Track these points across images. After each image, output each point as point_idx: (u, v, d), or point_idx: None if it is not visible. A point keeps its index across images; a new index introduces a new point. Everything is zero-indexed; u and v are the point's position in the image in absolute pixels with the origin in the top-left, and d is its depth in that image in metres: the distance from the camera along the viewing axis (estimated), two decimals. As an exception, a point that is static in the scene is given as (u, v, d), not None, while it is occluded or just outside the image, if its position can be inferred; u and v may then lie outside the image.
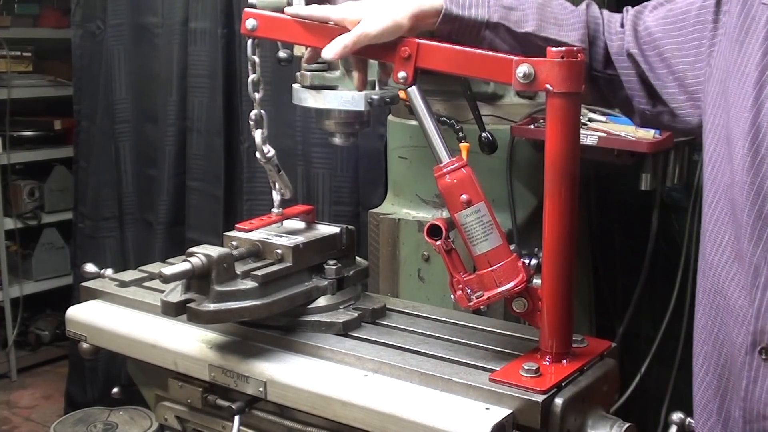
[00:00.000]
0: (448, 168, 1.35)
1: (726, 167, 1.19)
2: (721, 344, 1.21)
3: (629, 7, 1.40)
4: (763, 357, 1.12)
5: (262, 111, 1.53)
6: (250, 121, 1.53)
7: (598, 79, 1.40)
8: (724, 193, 1.19)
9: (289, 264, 1.49)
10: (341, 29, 1.38)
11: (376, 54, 1.41)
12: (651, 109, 1.38)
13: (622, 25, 1.38)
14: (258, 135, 1.52)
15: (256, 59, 1.51)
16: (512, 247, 1.37)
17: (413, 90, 1.38)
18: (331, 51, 1.38)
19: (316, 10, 1.43)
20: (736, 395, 1.18)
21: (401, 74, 1.37)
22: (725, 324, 1.19)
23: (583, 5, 1.41)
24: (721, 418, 1.23)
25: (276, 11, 1.48)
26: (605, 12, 1.42)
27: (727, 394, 1.21)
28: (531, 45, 1.34)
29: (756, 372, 1.14)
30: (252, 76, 1.52)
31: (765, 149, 1.11)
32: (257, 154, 1.54)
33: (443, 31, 1.38)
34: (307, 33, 1.43)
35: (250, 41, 1.50)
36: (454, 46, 1.36)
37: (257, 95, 1.53)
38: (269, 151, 1.54)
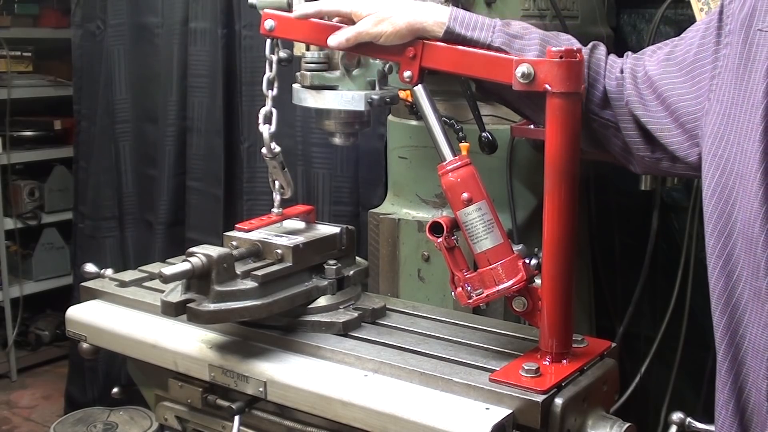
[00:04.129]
0: (452, 166, 1.36)
1: (736, 200, 1.16)
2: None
3: (629, 53, 1.40)
4: None
5: (273, 108, 1.55)
6: (259, 117, 1.55)
7: (593, 122, 1.39)
8: (736, 227, 1.16)
9: (289, 264, 1.49)
10: None
11: (381, 53, 1.43)
12: (650, 155, 1.36)
13: (621, 71, 1.37)
14: (266, 131, 1.54)
15: (274, 58, 1.55)
16: (519, 247, 1.38)
17: (419, 89, 1.40)
18: (334, 40, 1.42)
19: (326, 4, 1.45)
20: None
21: (407, 73, 1.40)
22: (747, 365, 1.16)
23: (589, 46, 1.40)
24: None
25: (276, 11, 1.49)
26: (611, 56, 1.41)
27: None
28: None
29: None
30: (268, 74, 1.55)
31: None
32: (263, 150, 1.55)
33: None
34: (324, 33, 1.45)
35: (268, 41, 1.54)
36: (457, 47, 1.37)
37: (271, 92, 1.55)
38: (276, 147, 1.55)
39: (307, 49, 1.57)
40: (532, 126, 1.94)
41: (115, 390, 1.94)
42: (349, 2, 1.42)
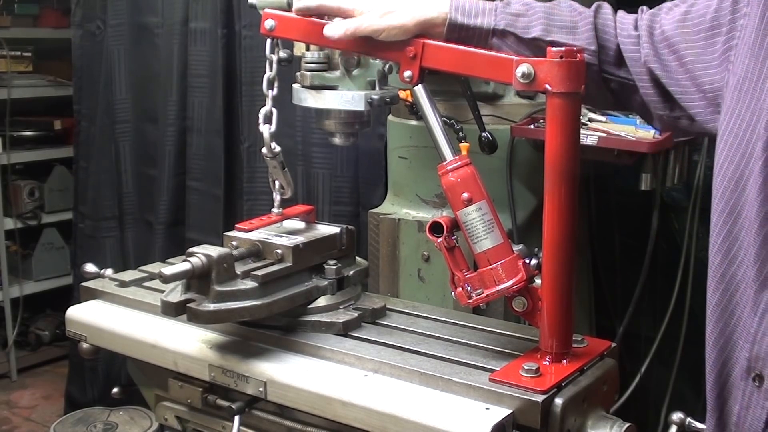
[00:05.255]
0: (452, 166, 1.36)
1: (747, 181, 1.13)
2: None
3: (644, 8, 1.37)
4: (756, 384, 1.10)
5: (274, 108, 1.55)
6: (259, 117, 1.55)
7: (609, 81, 1.37)
8: (744, 209, 1.13)
9: (289, 264, 1.49)
10: None
11: (382, 52, 1.43)
12: (669, 113, 1.33)
13: (636, 28, 1.34)
14: (266, 131, 1.54)
15: (274, 58, 1.55)
16: (519, 247, 1.38)
17: (419, 89, 1.40)
18: (332, 30, 1.40)
19: (326, 0, 1.43)
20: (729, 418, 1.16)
21: (407, 73, 1.39)
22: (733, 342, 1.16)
23: (593, 7, 1.38)
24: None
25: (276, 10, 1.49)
26: (620, 13, 1.38)
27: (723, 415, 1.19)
28: (541, 50, 1.32)
29: (749, 398, 1.12)
30: (268, 74, 1.55)
31: None
32: (263, 150, 1.56)
33: (452, 39, 1.38)
34: (323, 34, 1.44)
35: (268, 41, 1.54)
36: (457, 47, 1.37)
37: (271, 92, 1.55)
38: (276, 147, 1.55)
39: (307, 49, 1.57)
40: (532, 126, 1.94)
41: (115, 390, 1.94)
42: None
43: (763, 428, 1.10)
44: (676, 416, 1.39)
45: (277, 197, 1.63)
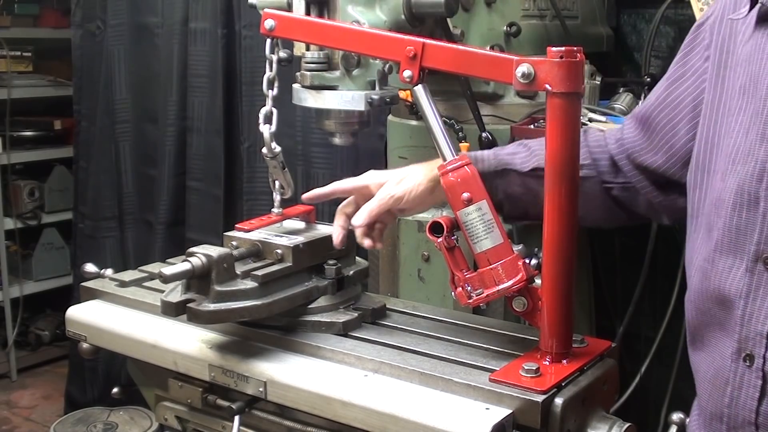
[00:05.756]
0: (452, 166, 1.36)
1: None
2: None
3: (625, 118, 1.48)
4: (747, 364, 1.14)
5: (274, 108, 1.55)
6: (259, 117, 1.55)
7: (611, 190, 1.46)
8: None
9: (289, 264, 1.49)
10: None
11: (381, 54, 1.43)
12: (665, 198, 1.42)
13: (620, 131, 1.45)
14: (266, 131, 1.54)
15: (274, 58, 1.54)
16: (519, 247, 1.38)
17: (419, 88, 1.40)
18: (360, 218, 1.45)
19: (341, 184, 1.52)
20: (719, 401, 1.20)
21: (407, 73, 1.39)
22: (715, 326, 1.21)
23: (581, 131, 1.44)
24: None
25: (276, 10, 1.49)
26: (605, 131, 1.49)
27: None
28: (541, 179, 1.35)
29: (740, 379, 1.16)
30: (268, 74, 1.55)
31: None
32: (264, 150, 1.55)
33: None
34: (325, 34, 1.45)
35: (268, 41, 1.54)
36: (457, 46, 1.37)
37: (271, 92, 1.55)
38: (276, 147, 1.55)
39: (307, 49, 1.57)
40: (532, 126, 1.94)
41: (115, 390, 1.94)
42: (363, 177, 1.49)
43: (756, 406, 1.14)
44: (676, 416, 1.39)
45: (277, 197, 1.63)
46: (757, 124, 1.14)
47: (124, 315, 1.65)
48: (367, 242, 1.48)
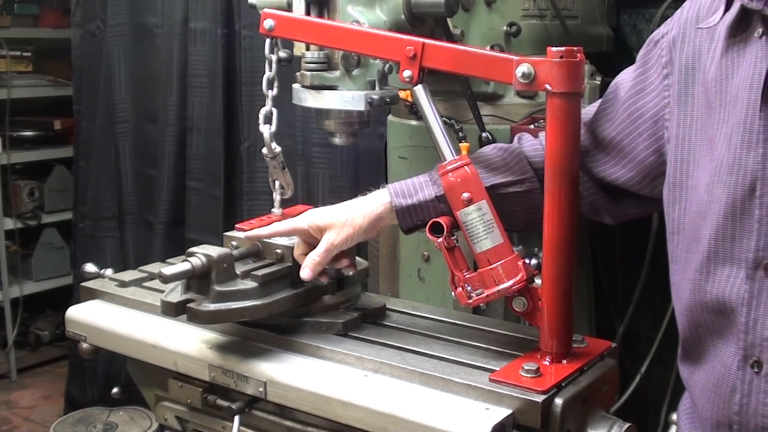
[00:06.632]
0: (452, 166, 1.36)
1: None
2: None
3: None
4: (755, 370, 1.14)
5: (274, 108, 1.55)
6: (259, 117, 1.55)
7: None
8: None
9: (289, 264, 1.49)
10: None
11: (381, 53, 1.44)
12: (616, 206, 1.44)
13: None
14: (266, 131, 1.54)
15: (274, 57, 1.55)
16: (519, 247, 1.38)
17: (419, 88, 1.40)
18: (307, 272, 1.43)
19: (282, 225, 1.49)
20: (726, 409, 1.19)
21: (407, 73, 1.39)
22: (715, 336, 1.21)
23: (515, 139, 1.46)
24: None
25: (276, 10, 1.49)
26: (539, 136, 1.46)
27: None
28: (493, 196, 1.36)
29: (749, 386, 1.16)
30: (267, 74, 1.55)
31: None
32: (264, 150, 1.56)
33: (408, 225, 1.43)
34: (325, 33, 1.45)
35: (268, 41, 1.54)
36: (457, 47, 1.37)
37: (271, 92, 1.55)
38: (276, 147, 1.55)
39: (307, 49, 1.57)
40: (532, 126, 1.94)
41: (115, 390, 1.94)
42: (302, 218, 1.46)
43: None
44: (676, 416, 1.39)
45: (277, 197, 1.63)
46: (739, 133, 1.13)
47: (124, 315, 1.65)
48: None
